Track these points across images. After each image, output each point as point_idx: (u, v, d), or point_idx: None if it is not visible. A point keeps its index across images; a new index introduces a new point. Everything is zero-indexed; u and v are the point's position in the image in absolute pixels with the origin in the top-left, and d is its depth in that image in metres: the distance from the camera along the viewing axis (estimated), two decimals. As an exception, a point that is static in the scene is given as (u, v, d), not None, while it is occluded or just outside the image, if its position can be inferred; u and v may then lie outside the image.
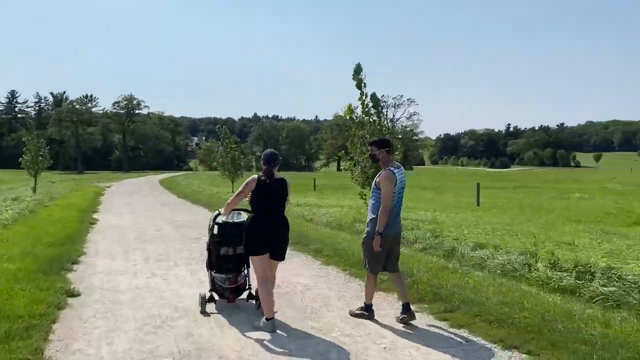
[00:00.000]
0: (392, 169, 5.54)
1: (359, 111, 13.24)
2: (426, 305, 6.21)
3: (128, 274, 7.89)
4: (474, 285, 6.82)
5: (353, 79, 12.48)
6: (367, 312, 5.77)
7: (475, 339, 5.04)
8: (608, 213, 16.81)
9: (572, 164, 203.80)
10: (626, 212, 17.04)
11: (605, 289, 5.98)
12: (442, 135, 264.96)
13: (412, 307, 6.18)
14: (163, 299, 6.48)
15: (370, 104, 12.77)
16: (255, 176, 5.58)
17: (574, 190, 34.78)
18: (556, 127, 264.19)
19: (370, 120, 12.86)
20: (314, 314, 5.94)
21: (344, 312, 5.99)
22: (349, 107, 13.44)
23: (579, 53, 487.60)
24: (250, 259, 5.65)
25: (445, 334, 5.22)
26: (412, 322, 5.56)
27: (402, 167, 5.77)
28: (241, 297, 6.25)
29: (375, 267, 5.76)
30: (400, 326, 5.48)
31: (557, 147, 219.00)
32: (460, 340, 5.03)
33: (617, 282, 6.03)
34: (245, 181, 5.64)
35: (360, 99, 12.68)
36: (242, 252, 5.83)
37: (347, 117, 13.69)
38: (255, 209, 5.56)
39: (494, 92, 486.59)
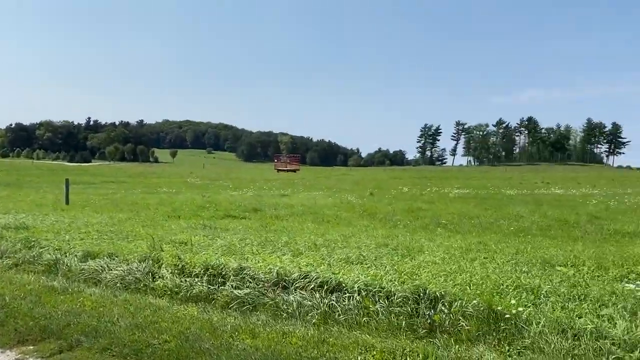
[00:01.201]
0: None
1: None
2: (32, 347, 4.60)
3: None
4: (94, 308, 5.56)
5: None
6: None
7: (112, 386, 3.90)
8: (201, 207, 17.64)
9: (151, 159, 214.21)
10: (214, 206, 18.26)
11: (239, 291, 5.73)
12: (14, 125, 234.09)
13: (13, 353, 4.51)
14: None
15: None
16: None
17: (160, 185, 35.96)
18: (136, 123, 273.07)
19: None
20: None
21: None
22: None
23: (173, 54, 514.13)
24: None
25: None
26: None
27: None
28: None
29: None
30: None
31: (137, 142, 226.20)
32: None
33: (250, 282, 5.87)
34: None
35: None
36: None
37: None
38: None
39: (73, 84, 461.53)
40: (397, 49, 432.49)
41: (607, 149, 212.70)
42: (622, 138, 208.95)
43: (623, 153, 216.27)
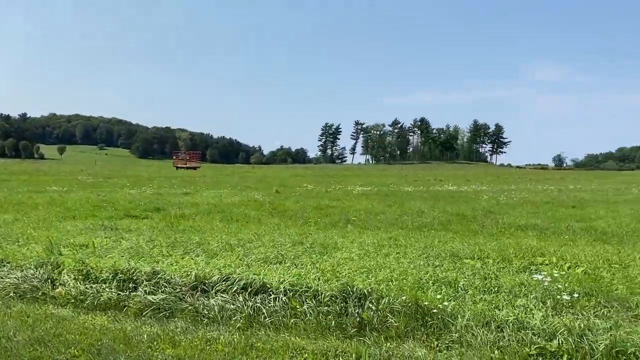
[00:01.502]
0: None
1: None
2: None
3: None
4: (-17, 322, 4.89)
5: None
6: None
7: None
8: (97, 206, 16.47)
9: (36, 155, 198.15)
10: (112, 205, 17.16)
11: (154, 297, 5.33)
12: None
13: None
14: None
15: None
16: None
17: (48, 183, 33.24)
18: (18, 116, 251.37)
19: None
20: None
21: None
22: None
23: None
24: None
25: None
26: None
27: None
28: None
29: None
30: None
31: (20, 137, 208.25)
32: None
33: (166, 287, 5.49)
34: None
35: None
36: None
37: None
38: None
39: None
40: (297, 48, 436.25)
41: (491, 149, 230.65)
42: (503, 138, 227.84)
43: (505, 152, 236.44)
